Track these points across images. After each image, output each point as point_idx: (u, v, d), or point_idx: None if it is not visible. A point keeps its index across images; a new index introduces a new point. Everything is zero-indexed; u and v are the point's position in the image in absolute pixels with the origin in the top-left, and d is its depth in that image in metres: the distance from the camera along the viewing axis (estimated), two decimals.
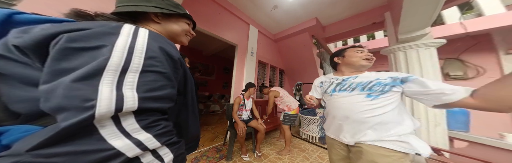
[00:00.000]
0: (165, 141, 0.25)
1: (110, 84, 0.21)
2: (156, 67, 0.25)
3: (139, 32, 0.26)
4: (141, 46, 0.24)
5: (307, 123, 2.05)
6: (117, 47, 0.22)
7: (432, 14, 1.07)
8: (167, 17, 0.39)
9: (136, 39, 0.25)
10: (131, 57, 0.23)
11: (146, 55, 0.24)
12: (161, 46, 0.27)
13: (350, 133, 0.63)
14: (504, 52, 1.96)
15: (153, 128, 0.24)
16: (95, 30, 0.23)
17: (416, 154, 0.51)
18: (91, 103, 0.19)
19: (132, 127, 0.22)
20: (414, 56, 1.36)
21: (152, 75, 0.24)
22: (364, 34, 2.47)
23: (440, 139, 1.17)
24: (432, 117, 1.21)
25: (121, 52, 0.22)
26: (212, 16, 1.80)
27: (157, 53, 0.26)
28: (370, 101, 0.59)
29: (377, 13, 1.88)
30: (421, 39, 1.37)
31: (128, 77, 0.22)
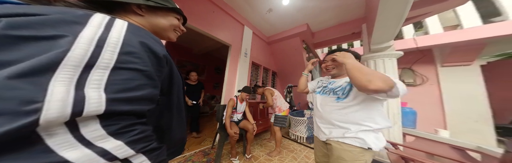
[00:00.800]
0: (141, 148, 0.21)
1: (66, 83, 0.17)
2: (134, 64, 0.21)
3: (115, 24, 0.22)
4: (116, 39, 0.21)
5: (296, 124, 2.14)
6: (82, 38, 0.19)
7: (396, 29, 1.27)
8: (153, 10, 0.35)
9: (110, 32, 0.21)
10: (100, 52, 0.19)
11: (122, 50, 0.21)
12: (143, 41, 0.23)
13: (323, 131, 0.73)
14: (440, 65, 2.50)
15: (125, 134, 0.20)
16: (51, 17, 0.18)
17: (368, 148, 0.60)
18: (34, 106, 0.15)
19: (95, 134, 0.18)
20: (381, 65, 1.60)
21: (127, 73, 0.21)
22: (345, 42, 2.76)
23: (397, 135, 1.41)
24: (391, 117, 1.43)
25: (86, 44, 0.19)
26: (206, 14, 1.70)
27: (137, 48, 0.22)
28: (336, 103, 0.70)
29: (356, 24, 2.13)
30: (387, 50, 1.61)
31: (94, 75, 0.19)
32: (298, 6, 1.95)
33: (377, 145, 0.61)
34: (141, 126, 0.22)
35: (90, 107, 0.17)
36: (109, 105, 0.19)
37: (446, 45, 2.29)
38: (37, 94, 0.15)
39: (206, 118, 3.30)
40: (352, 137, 0.63)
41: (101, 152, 0.18)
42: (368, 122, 0.63)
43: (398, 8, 0.97)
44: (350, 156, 0.62)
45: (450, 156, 1.04)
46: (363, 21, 2.02)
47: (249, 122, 1.53)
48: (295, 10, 2.03)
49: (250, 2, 1.94)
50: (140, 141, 0.22)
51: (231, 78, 2.01)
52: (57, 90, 0.16)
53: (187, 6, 1.49)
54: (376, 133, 0.64)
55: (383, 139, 0.64)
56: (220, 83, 4.75)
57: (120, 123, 0.20)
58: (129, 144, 0.20)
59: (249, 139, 1.48)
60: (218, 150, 1.31)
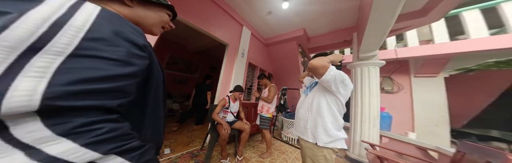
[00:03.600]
0: (111, 148, 0.18)
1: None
2: (102, 51, 0.19)
3: (83, 7, 0.20)
4: (81, 23, 0.18)
5: (288, 126, 2.20)
6: (30, 16, 0.16)
7: (382, 38, 1.38)
8: (143, 3, 0.33)
9: (74, 14, 0.18)
10: (53, 35, 0.16)
11: (87, 36, 0.18)
12: (118, 29, 0.21)
13: (296, 128, 0.84)
14: (413, 75, 2.83)
15: (86, 134, 0.17)
16: None
17: (315, 144, 0.69)
18: None
19: (36, 136, 0.15)
20: (366, 72, 1.75)
21: (90, 61, 0.18)
22: (337, 49, 2.92)
23: (375, 137, 1.56)
24: (372, 120, 1.59)
25: (34, 24, 0.16)
26: (204, 12, 1.65)
27: (108, 35, 0.20)
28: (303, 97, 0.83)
29: (348, 32, 2.28)
30: (372, 59, 1.77)
31: (38, 61, 0.15)
32: (297, 11, 2.01)
33: (322, 141, 0.68)
34: (111, 124, 0.19)
35: (11, 102, 0.14)
36: (50, 99, 0.15)
37: (419, 57, 2.59)
38: None
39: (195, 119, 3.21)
40: (308, 132, 0.74)
41: (46, 158, 0.15)
42: (319, 120, 0.72)
43: (386, 19, 1.08)
44: (310, 152, 0.71)
45: (415, 155, 1.20)
46: (355, 29, 2.17)
47: (244, 123, 1.52)
48: (294, 14, 2.10)
49: (250, 3, 1.94)
50: (109, 141, 0.18)
51: (226, 77, 1.99)
52: None
53: (185, 2, 1.43)
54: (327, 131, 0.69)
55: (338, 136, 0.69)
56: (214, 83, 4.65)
57: (73, 121, 0.16)
58: (89, 145, 0.17)
59: (243, 139, 1.46)
60: (208, 152, 1.27)
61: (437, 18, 1.68)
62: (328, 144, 0.68)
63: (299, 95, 2.88)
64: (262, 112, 1.70)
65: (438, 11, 1.54)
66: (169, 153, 1.48)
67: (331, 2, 1.77)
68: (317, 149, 0.69)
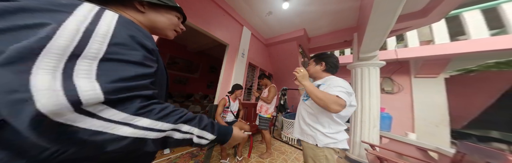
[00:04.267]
0: (175, 120, 0.24)
1: (50, 71, 0.16)
2: (125, 55, 0.22)
3: (104, 16, 0.22)
4: (105, 30, 0.21)
5: (288, 126, 2.20)
6: (67, 26, 0.18)
7: (382, 39, 1.38)
8: (154, 7, 0.35)
9: (99, 22, 0.21)
10: (87, 42, 0.19)
11: (112, 42, 0.21)
12: (133, 35, 0.24)
13: (296, 130, 0.84)
14: (414, 76, 2.83)
15: (150, 113, 0.22)
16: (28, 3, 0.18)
17: (315, 145, 0.70)
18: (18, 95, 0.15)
19: (120, 117, 0.20)
20: (366, 73, 1.75)
21: (120, 65, 0.21)
22: (337, 49, 2.91)
23: (375, 137, 1.56)
24: (372, 121, 1.58)
25: (71, 33, 0.18)
26: (204, 11, 1.65)
27: (128, 41, 0.23)
28: (303, 104, 0.80)
29: (349, 32, 2.28)
30: (372, 59, 1.77)
31: (81, 65, 0.18)
32: (297, 11, 2.01)
33: (322, 142, 0.69)
34: (158, 105, 0.24)
35: (86, 95, 0.17)
36: (106, 93, 0.19)
37: (419, 58, 2.59)
38: (19, 83, 0.15)
39: None
40: (307, 135, 0.74)
41: (143, 128, 0.21)
42: (318, 125, 0.72)
43: (386, 20, 1.08)
44: (311, 152, 0.72)
45: (415, 156, 1.20)
46: (355, 30, 2.17)
47: (244, 123, 1.53)
48: (294, 15, 2.10)
49: (251, 3, 1.94)
50: (169, 115, 0.24)
51: (226, 77, 1.99)
52: (42, 78, 0.16)
53: (186, 2, 1.44)
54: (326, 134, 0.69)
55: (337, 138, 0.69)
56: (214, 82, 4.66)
57: (133, 106, 0.21)
58: (160, 119, 0.23)
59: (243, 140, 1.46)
60: (208, 152, 1.27)
61: (438, 19, 1.68)
62: (328, 144, 0.68)
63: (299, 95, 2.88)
64: (260, 112, 1.70)
65: (438, 12, 1.54)
66: (169, 153, 1.48)
67: (332, 2, 1.77)
68: (317, 149, 0.70)
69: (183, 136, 0.26)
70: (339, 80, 0.71)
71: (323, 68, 0.80)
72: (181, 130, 0.26)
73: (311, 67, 0.84)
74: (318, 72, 0.82)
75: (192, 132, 0.27)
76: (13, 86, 0.15)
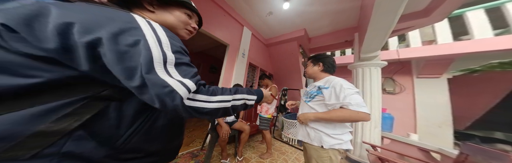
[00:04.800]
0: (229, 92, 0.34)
1: (165, 74, 0.24)
2: (183, 59, 0.28)
3: (154, 26, 0.27)
4: (165, 40, 0.26)
5: (289, 126, 2.19)
6: (149, 40, 0.24)
7: (384, 39, 1.37)
8: (163, 6, 0.34)
9: (157, 33, 0.26)
10: (164, 51, 0.25)
11: (173, 49, 0.27)
12: (178, 42, 0.30)
13: (298, 131, 0.83)
14: (416, 76, 2.80)
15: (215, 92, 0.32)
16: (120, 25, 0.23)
17: (321, 146, 0.69)
18: (168, 89, 0.24)
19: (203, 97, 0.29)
20: (367, 73, 1.74)
21: (185, 67, 0.28)
22: (338, 49, 2.90)
23: (376, 138, 1.55)
24: (373, 121, 1.57)
25: (155, 46, 0.25)
26: (204, 12, 1.66)
27: (177, 46, 0.28)
28: (306, 105, 0.80)
29: (350, 32, 2.26)
30: (373, 59, 1.76)
31: (169, 69, 0.25)
32: (297, 11, 2.01)
33: (327, 143, 0.68)
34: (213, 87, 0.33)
35: (190, 84, 0.26)
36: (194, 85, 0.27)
37: (422, 58, 2.56)
38: (165, 82, 0.24)
39: (197, 118, 3.22)
40: (311, 137, 0.73)
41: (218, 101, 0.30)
42: (324, 127, 0.71)
43: (388, 19, 1.07)
44: (315, 153, 0.71)
45: (417, 156, 1.19)
46: (356, 30, 2.16)
47: (244, 123, 1.53)
48: (295, 15, 2.09)
49: (251, 3, 1.94)
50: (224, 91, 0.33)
51: (227, 78, 2.00)
52: (168, 78, 0.24)
53: None
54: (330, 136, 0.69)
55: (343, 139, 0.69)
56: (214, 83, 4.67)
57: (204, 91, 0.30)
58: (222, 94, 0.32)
59: (243, 140, 1.45)
60: (208, 152, 1.27)
61: (440, 19, 1.66)
62: (334, 145, 0.67)
63: (299, 95, 2.87)
64: (261, 112, 1.70)
65: (441, 11, 1.53)
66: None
67: (332, 2, 1.77)
68: (322, 150, 0.69)
69: (240, 102, 0.35)
70: (341, 81, 0.71)
71: (321, 69, 0.81)
72: (237, 98, 0.34)
73: (310, 68, 0.85)
74: (316, 73, 0.83)
75: (243, 97, 0.36)
76: (163, 83, 0.23)
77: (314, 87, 0.79)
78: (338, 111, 0.64)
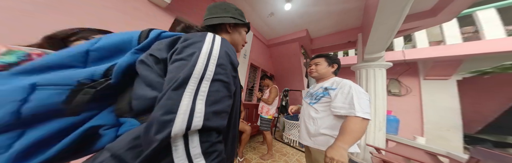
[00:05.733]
0: None
1: (190, 95, 0.19)
2: (222, 75, 0.24)
3: (216, 39, 0.28)
4: (216, 52, 0.25)
5: (290, 127, 2.17)
6: (202, 53, 0.24)
7: (388, 40, 1.34)
8: (235, 27, 0.44)
9: (213, 45, 0.26)
10: (208, 64, 0.23)
11: (218, 62, 0.24)
12: (226, 51, 0.27)
13: (301, 135, 0.78)
14: (423, 77, 2.72)
15: (210, 156, 0.19)
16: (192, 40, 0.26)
17: None
18: (170, 116, 0.17)
19: (195, 152, 0.18)
20: (372, 74, 1.70)
21: (217, 85, 0.22)
22: (341, 50, 2.86)
23: (381, 140, 1.50)
24: (378, 124, 1.53)
25: (203, 58, 0.23)
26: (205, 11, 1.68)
27: (225, 59, 0.26)
28: (309, 107, 0.75)
29: (353, 33, 2.23)
30: (378, 60, 1.72)
31: (202, 86, 0.21)
32: (299, 12, 2.00)
33: None
34: (220, 146, 0.21)
35: (195, 121, 0.18)
36: (206, 119, 0.19)
37: (429, 59, 2.49)
38: (175, 106, 0.18)
39: None
40: (318, 141, 0.69)
41: None
42: (331, 130, 0.67)
43: (392, 20, 1.04)
44: (321, 157, 0.66)
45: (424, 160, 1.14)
46: (360, 30, 2.12)
47: (245, 123, 1.52)
48: (296, 16, 2.09)
49: (253, 4, 1.95)
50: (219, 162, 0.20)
51: None
52: (184, 102, 0.18)
53: (187, 3, 1.46)
54: None
55: None
56: None
57: (209, 141, 0.19)
58: None
59: (244, 140, 1.45)
60: None
61: (449, 18, 1.61)
62: None
63: (301, 96, 2.84)
64: (262, 113, 1.69)
65: (449, 11, 1.48)
66: None
67: (335, 3, 1.75)
68: None
69: None
70: (350, 82, 0.67)
71: (334, 70, 0.79)
72: None
73: (323, 68, 0.79)
74: (328, 73, 0.80)
75: None
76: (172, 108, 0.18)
77: (319, 88, 0.76)
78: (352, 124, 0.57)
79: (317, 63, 0.80)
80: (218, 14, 0.41)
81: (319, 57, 0.83)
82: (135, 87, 0.26)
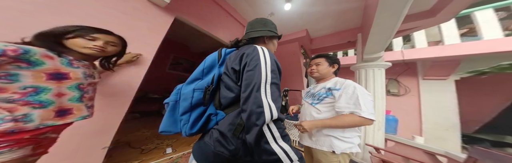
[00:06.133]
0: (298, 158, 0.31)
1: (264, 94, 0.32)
2: (274, 79, 0.35)
3: (264, 50, 0.40)
4: (269, 62, 0.36)
5: (290, 127, 2.16)
6: (261, 64, 0.35)
7: (388, 40, 1.35)
8: (270, 39, 0.55)
9: (265, 56, 0.37)
10: (267, 71, 0.34)
11: (271, 68, 0.36)
12: (275, 60, 0.39)
13: (302, 135, 0.79)
14: (421, 77, 2.73)
15: (287, 139, 0.33)
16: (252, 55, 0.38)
17: (332, 152, 0.65)
18: (260, 109, 0.30)
19: (276, 134, 0.31)
20: (371, 74, 1.71)
21: (274, 87, 0.34)
22: (340, 50, 2.87)
23: (380, 140, 1.51)
24: (377, 123, 1.54)
25: (264, 68, 0.35)
26: (206, 13, 1.68)
27: (274, 65, 0.37)
28: (311, 107, 0.75)
29: (352, 33, 2.24)
30: (377, 60, 1.73)
31: (267, 88, 0.33)
32: (299, 12, 2.00)
33: (338, 148, 0.64)
34: (285, 131, 0.34)
35: (274, 112, 0.31)
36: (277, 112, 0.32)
37: (428, 59, 2.50)
38: (261, 102, 0.31)
39: None
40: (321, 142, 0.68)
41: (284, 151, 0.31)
42: (332, 131, 0.66)
43: (392, 20, 1.05)
44: (325, 158, 0.67)
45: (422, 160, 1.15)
46: (359, 30, 2.13)
47: None
48: (296, 16, 2.09)
49: (253, 4, 1.95)
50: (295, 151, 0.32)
51: None
52: (264, 100, 0.31)
53: (190, 4, 1.46)
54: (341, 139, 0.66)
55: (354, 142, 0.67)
56: None
57: (281, 127, 0.33)
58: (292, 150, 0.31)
59: None
60: None
61: (447, 19, 1.62)
62: (345, 149, 0.64)
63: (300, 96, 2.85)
64: None
65: (448, 11, 1.49)
66: (171, 152, 1.50)
67: (335, 3, 1.75)
68: (332, 155, 0.65)
69: None
70: (354, 83, 0.67)
71: (334, 70, 0.79)
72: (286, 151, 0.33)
73: (324, 68, 0.79)
74: (329, 73, 0.80)
75: None
76: (259, 103, 0.31)
77: (322, 89, 0.75)
78: (347, 117, 0.61)
79: (318, 63, 0.80)
80: (259, 28, 0.53)
81: (319, 57, 0.82)
82: (221, 90, 0.41)
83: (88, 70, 0.55)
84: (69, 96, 0.49)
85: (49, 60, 0.44)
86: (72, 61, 0.50)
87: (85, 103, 0.54)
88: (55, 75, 0.45)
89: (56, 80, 0.45)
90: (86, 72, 0.53)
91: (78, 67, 0.51)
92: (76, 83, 0.50)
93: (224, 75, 0.41)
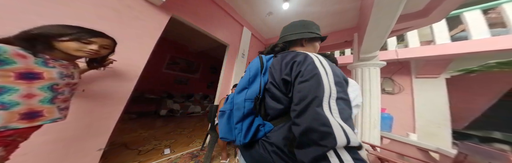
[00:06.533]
0: None
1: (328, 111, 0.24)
2: (341, 93, 0.27)
3: (319, 57, 0.33)
4: (330, 70, 0.29)
5: None
6: (321, 74, 0.28)
7: (383, 39, 1.38)
8: (310, 41, 0.48)
9: (323, 64, 0.31)
10: (329, 83, 0.27)
11: (335, 80, 0.28)
12: (336, 69, 0.31)
13: None
14: (415, 76, 2.81)
15: None
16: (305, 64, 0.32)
17: None
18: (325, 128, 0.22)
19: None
20: (367, 73, 1.74)
21: (342, 103, 0.26)
22: (337, 49, 2.90)
23: (375, 138, 1.55)
24: (372, 121, 1.58)
25: (326, 78, 0.28)
26: (205, 12, 1.66)
27: (339, 77, 0.29)
28: None
29: (349, 32, 2.27)
30: (373, 59, 1.76)
31: (332, 104, 0.25)
32: (297, 11, 2.01)
33: None
34: None
35: (352, 137, 0.22)
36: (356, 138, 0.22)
37: (420, 58, 2.58)
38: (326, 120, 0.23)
39: (195, 119, 3.19)
40: None
41: None
42: None
43: (387, 20, 1.08)
44: None
45: (416, 156, 1.19)
46: (355, 30, 2.17)
47: None
48: (294, 15, 2.10)
49: (251, 4, 1.95)
50: None
51: (227, 78, 2.00)
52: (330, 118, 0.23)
53: (187, 3, 1.44)
54: None
55: None
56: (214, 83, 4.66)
57: (358, 159, 0.22)
58: None
59: None
60: (208, 152, 1.27)
61: (439, 19, 1.67)
62: None
63: None
64: None
65: (439, 12, 1.54)
66: (169, 153, 1.48)
67: (332, 3, 1.77)
68: None
69: None
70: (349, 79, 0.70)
71: None
72: None
73: None
74: None
75: None
76: (324, 121, 0.23)
77: None
78: None
79: None
80: (296, 31, 0.48)
81: None
82: (266, 100, 0.38)
83: (66, 70, 0.52)
84: (40, 97, 0.45)
85: (21, 59, 0.41)
86: (48, 61, 0.46)
87: (57, 105, 0.50)
88: (25, 75, 0.42)
89: (27, 80, 0.42)
90: (63, 72, 0.50)
91: (54, 66, 0.47)
92: (50, 83, 0.46)
93: (270, 85, 0.38)
